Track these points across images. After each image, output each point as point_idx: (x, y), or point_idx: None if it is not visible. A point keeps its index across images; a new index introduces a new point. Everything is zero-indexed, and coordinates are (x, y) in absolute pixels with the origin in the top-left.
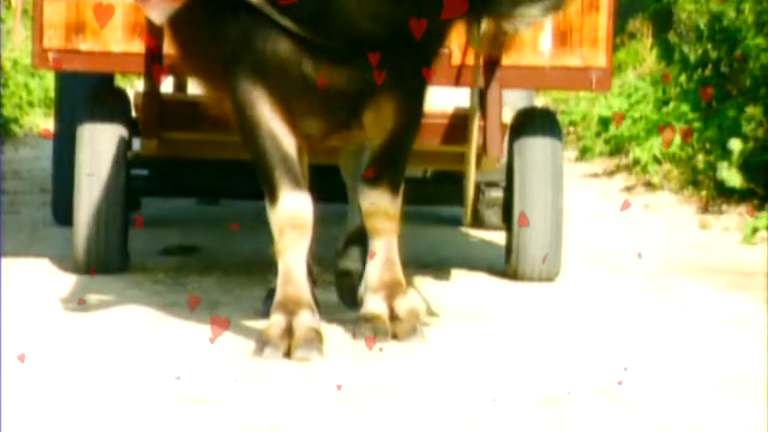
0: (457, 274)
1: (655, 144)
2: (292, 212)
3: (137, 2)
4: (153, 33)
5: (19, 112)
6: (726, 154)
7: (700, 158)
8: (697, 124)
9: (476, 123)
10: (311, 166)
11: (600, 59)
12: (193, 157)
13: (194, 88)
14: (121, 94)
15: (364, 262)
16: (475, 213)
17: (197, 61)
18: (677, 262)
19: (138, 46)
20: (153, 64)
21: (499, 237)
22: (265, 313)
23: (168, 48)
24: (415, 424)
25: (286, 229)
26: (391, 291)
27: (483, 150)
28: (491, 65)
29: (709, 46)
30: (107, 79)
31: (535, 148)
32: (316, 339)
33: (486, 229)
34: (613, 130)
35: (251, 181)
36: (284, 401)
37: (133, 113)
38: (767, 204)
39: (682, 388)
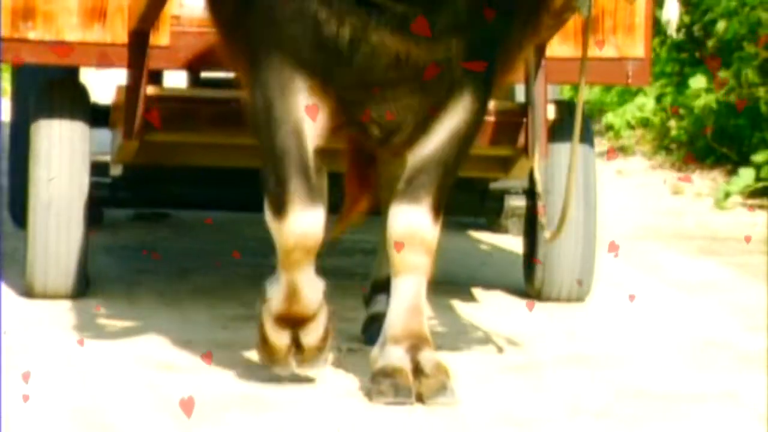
0: (473, 293)
1: (629, 110)
2: (302, 233)
3: None
4: (147, 14)
5: None
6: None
7: (673, 123)
8: (669, 89)
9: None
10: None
11: (637, 48)
12: (177, 163)
13: (177, 81)
14: (81, 88)
15: None
16: (496, 223)
17: (234, 31)
18: (650, 228)
19: (99, 35)
20: (140, 52)
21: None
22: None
23: (154, 35)
24: None
25: (292, 251)
26: (416, 342)
27: (524, 151)
28: (536, 54)
29: (682, 10)
30: (70, 69)
31: (565, 154)
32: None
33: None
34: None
35: (241, 190)
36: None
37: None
38: (739, 169)
39: (654, 354)
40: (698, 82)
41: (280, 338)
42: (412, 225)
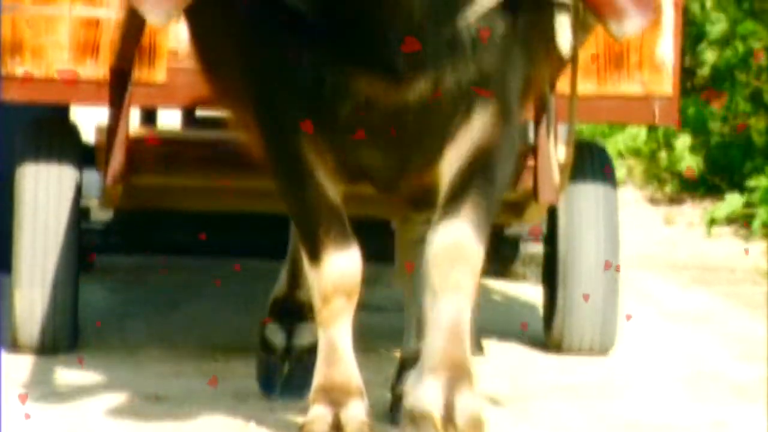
0: (488, 345)
1: (620, 139)
2: (340, 274)
3: (130, 3)
4: (124, 50)
5: None
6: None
7: (664, 154)
8: None
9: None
10: None
11: (665, 86)
12: (165, 207)
13: (168, 121)
14: (71, 127)
15: None
16: (511, 270)
17: (222, 76)
18: (643, 258)
19: (91, 70)
20: (121, 91)
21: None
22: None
23: (140, 71)
24: None
25: (332, 296)
26: (455, 375)
27: (533, 195)
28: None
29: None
30: (58, 107)
31: (585, 194)
32: None
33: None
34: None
35: (243, 234)
36: None
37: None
38: (726, 195)
39: (648, 384)
40: (690, 111)
41: (319, 420)
42: (456, 239)
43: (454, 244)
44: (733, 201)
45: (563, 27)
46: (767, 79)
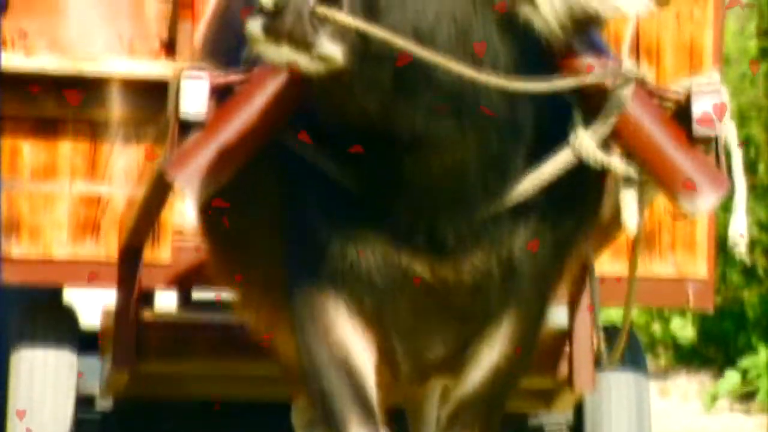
0: None
1: (613, 313)
2: None
3: (165, 175)
4: (139, 228)
5: None
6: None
7: (658, 327)
8: None
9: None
10: None
11: (699, 268)
12: (174, 396)
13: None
14: (67, 310)
15: None
16: None
17: (239, 255)
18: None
19: (90, 250)
20: (131, 271)
21: None
22: None
23: (154, 250)
24: None
25: None
26: None
27: (568, 383)
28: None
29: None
30: (53, 290)
31: (615, 384)
32: None
33: None
34: None
35: (245, 423)
36: None
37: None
38: (726, 371)
39: None
40: None
41: None
42: None
43: None
44: (732, 378)
45: (629, 203)
46: (760, 252)
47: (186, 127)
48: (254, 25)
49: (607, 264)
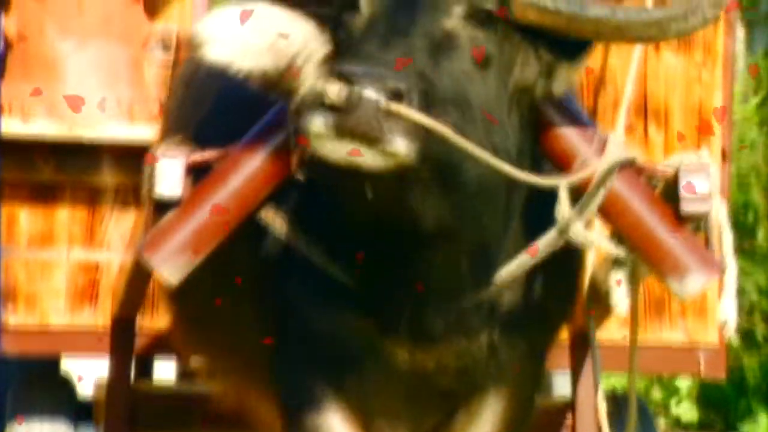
0: None
1: (613, 380)
2: None
3: (139, 257)
4: (129, 297)
5: None
6: (676, 389)
7: (656, 394)
8: None
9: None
10: None
11: (710, 335)
12: None
13: (167, 374)
14: (64, 380)
15: None
16: None
17: (214, 339)
18: None
19: (89, 318)
20: (124, 341)
21: None
22: None
23: (141, 319)
24: None
25: None
26: None
27: None
28: (581, 339)
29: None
30: (50, 360)
31: None
32: None
33: None
34: None
35: None
36: None
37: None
38: None
39: None
40: None
41: None
42: None
43: None
44: None
45: (619, 284)
46: (760, 317)
47: (162, 206)
48: (317, 121)
49: (616, 330)
